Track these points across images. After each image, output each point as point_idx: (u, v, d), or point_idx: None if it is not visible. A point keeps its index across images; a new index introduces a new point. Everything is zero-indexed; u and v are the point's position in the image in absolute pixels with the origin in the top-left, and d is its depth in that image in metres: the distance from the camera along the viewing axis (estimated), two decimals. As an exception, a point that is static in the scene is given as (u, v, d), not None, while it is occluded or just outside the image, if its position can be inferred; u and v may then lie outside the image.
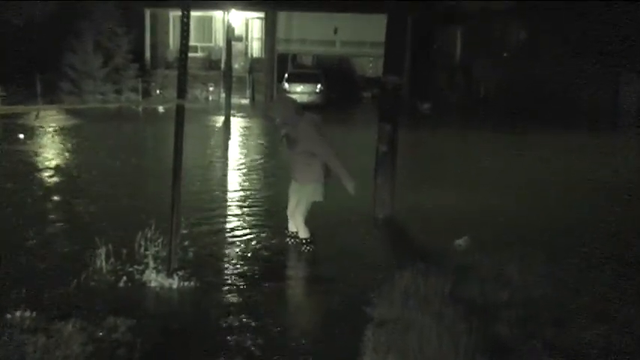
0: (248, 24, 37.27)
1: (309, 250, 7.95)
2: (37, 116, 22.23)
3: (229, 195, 11.62)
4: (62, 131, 19.72)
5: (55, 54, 29.05)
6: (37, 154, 15.12)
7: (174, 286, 6.59)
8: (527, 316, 5.81)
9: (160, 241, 7.09)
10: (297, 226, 8.01)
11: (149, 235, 7.18)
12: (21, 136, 17.94)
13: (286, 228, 8.24)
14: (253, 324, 5.81)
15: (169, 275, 6.69)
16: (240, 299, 6.42)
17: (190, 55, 7.08)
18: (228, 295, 6.52)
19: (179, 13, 8.40)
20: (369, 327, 5.62)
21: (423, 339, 5.15)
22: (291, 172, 7.97)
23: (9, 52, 28.05)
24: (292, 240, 8.15)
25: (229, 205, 10.71)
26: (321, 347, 5.44)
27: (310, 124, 7.75)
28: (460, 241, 8.32)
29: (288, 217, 8.14)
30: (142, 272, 6.78)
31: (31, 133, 18.78)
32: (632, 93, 30.14)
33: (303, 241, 7.97)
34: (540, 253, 7.71)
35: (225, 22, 31.35)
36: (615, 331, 5.55)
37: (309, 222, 7.99)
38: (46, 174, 12.63)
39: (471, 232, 8.55)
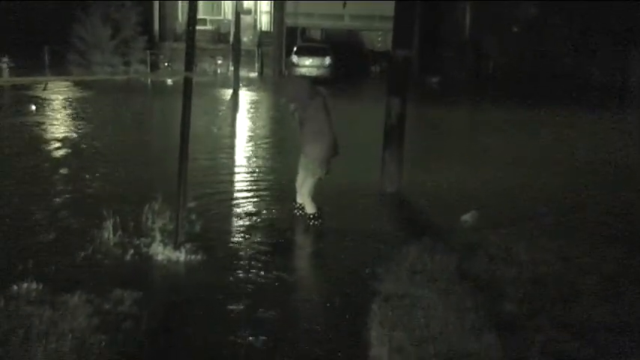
0: (257, -3, 37.10)
1: (315, 224, 7.95)
2: (45, 87, 22.22)
3: (237, 168, 11.60)
4: (70, 103, 19.68)
5: (64, 25, 28.95)
6: (44, 126, 15.10)
7: (181, 259, 6.59)
8: (530, 293, 5.80)
9: (167, 214, 7.08)
10: (303, 200, 8.03)
11: (156, 208, 7.17)
12: (32, 107, 17.92)
13: (294, 200, 8.26)
14: (259, 298, 5.81)
15: (176, 248, 6.69)
16: (246, 273, 6.42)
17: (199, 28, 7.03)
18: (234, 269, 6.52)
19: (187, -15, 8.34)
20: (374, 302, 5.62)
21: (427, 315, 5.16)
22: (301, 147, 7.97)
23: (17, 24, 28.00)
24: (299, 212, 8.18)
25: (237, 179, 10.69)
26: (327, 323, 5.44)
27: (320, 105, 7.81)
28: (466, 217, 8.30)
29: (297, 189, 8.18)
30: (149, 245, 6.78)
31: (39, 104, 18.75)
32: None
33: (310, 215, 7.97)
34: (547, 230, 7.69)
35: (234, -5, 31.21)
36: (623, 309, 5.54)
37: (317, 196, 7.99)
38: (54, 146, 12.62)
39: (477, 207, 8.53)
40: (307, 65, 31.28)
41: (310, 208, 8.00)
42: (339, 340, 5.07)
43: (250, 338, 5.02)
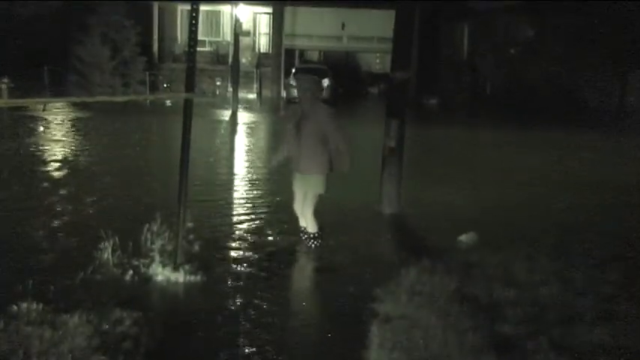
0: (256, 19, 37.26)
1: (315, 245, 7.93)
2: (44, 109, 22.28)
3: (236, 189, 11.63)
4: (70, 124, 19.73)
5: (64, 46, 29.05)
6: (44, 147, 15.13)
7: (180, 280, 6.60)
8: (526, 314, 5.81)
9: (166, 234, 7.08)
10: (306, 220, 7.92)
11: (155, 229, 7.18)
12: (41, 128, 17.99)
13: (300, 225, 8.13)
14: (258, 319, 5.82)
15: (175, 269, 6.70)
16: (245, 295, 6.43)
17: (198, 49, 7.08)
18: (234, 290, 6.53)
19: (187, 6, 8.40)
20: (370, 323, 5.63)
21: (424, 336, 5.17)
22: (294, 164, 7.77)
23: (17, 44, 28.10)
24: (304, 235, 8.05)
25: (236, 200, 10.71)
26: (325, 343, 5.45)
27: (327, 107, 7.77)
28: (463, 237, 8.31)
29: (297, 214, 8.08)
30: (149, 266, 6.79)
31: (38, 125, 18.79)
32: (638, 91, 30.03)
33: (311, 235, 7.93)
34: (545, 251, 7.70)
35: (233, 17, 31.35)
36: (621, 330, 5.54)
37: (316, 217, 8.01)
38: (54, 167, 12.65)
39: (475, 228, 8.54)
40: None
41: (312, 227, 7.91)
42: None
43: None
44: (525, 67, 31.59)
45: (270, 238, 8.36)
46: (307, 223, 7.95)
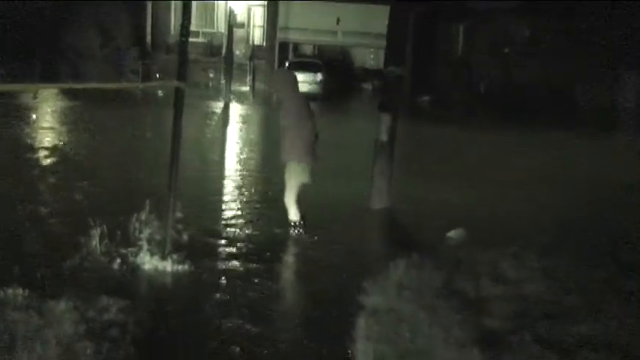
0: (250, 11, 37.21)
1: (298, 232, 7.99)
2: (35, 96, 22.17)
3: (225, 180, 11.62)
4: (60, 112, 19.67)
5: (56, 35, 28.92)
6: (33, 135, 15.09)
7: (168, 269, 6.59)
8: (511, 310, 5.83)
9: (155, 223, 7.07)
10: (287, 206, 8.02)
11: (144, 218, 7.16)
12: (33, 116, 17.93)
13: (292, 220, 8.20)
14: (245, 309, 5.82)
15: (164, 258, 6.69)
16: (233, 284, 6.43)
17: (191, 40, 7.07)
18: (221, 280, 6.53)
19: (182, -3, 8.37)
20: (355, 315, 5.65)
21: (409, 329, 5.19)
22: (282, 152, 8.02)
23: (8, 32, 27.92)
24: (294, 225, 8.13)
25: (225, 190, 10.71)
26: (311, 333, 5.46)
27: (302, 98, 8.10)
28: (452, 234, 8.32)
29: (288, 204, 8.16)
30: (137, 254, 6.78)
31: (28, 112, 18.72)
32: (633, 92, 30.08)
33: (293, 223, 8.00)
34: (534, 248, 7.72)
35: (228, 9, 31.29)
36: (607, 328, 5.57)
37: (304, 209, 8.02)
38: (43, 154, 12.60)
39: (465, 225, 8.55)
40: (299, 81, 31.28)
41: (293, 215, 8.01)
42: (319, 356, 5.08)
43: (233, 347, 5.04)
44: (521, 67, 31.64)
45: (259, 229, 8.36)
46: (288, 209, 8.04)
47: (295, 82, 8.15)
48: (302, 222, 8.03)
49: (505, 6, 32.26)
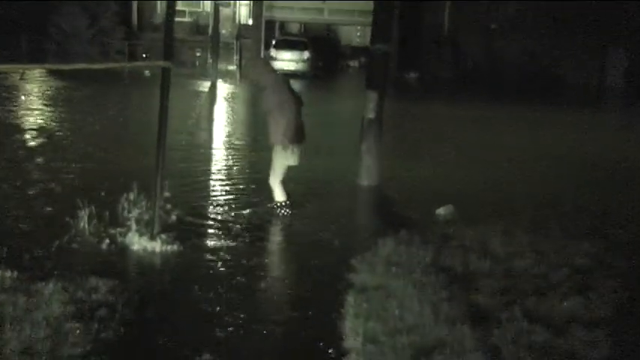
0: (236, -11, 36.96)
1: (284, 214, 8.02)
2: (22, 76, 22.02)
3: (213, 160, 11.60)
4: (47, 92, 19.55)
5: (42, 15, 28.63)
6: (20, 115, 15.00)
7: (157, 249, 6.59)
8: (503, 285, 5.87)
9: (143, 204, 7.05)
10: (272, 187, 8.06)
11: (133, 198, 7.14)
12: (22, 97, 17.81)
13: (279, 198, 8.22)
14: (232, 289, 5.84)
15: (152, 239, 6.68)
16: (221, 264, 6.44)
17: (177, 19, 7.03)
18: (210, 259, 6.54)
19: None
20: (343, 292, 5.69)
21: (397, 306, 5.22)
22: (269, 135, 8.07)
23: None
24: (277, 205, 8.16)
25: (213, 170, 10.70)
26: (300, 311, 5.48)
27: (280, 80, 8.10)
28: (441, 210, 8.35)
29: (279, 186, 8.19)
30: (125, 235, 6.77)
31: (15, 93, 18.60)
32: (619, 68, 30.19)
33: (278, 204, 8.04)
34: (523, 224, 7.76)
35: (213, -13, 31.06)
36: (594, 303, 5.61)
37: (292, 187, 8.03)
38: (30, 135, 12.54)
39: (453, 202, 8.58)
40: (286, 59, 31.18)
41: (279, 196, 8.05)
42: (308, 333, 5.11)
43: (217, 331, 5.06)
44: (507, 44, 31.65)
45: (247, 207, 8.35)
46: (273, 190, 8.09)
47: (273, 68, 8.44)
48: (288, 202, 8.05)
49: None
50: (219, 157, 11.78)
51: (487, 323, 5.08)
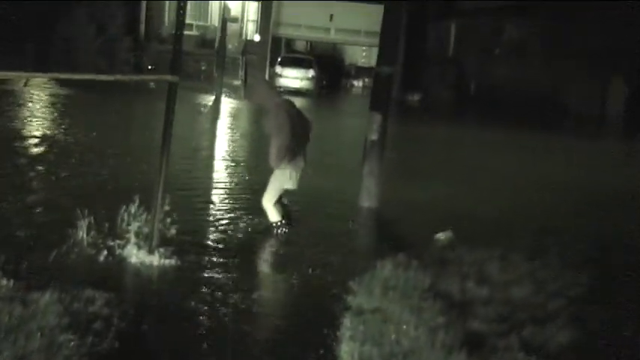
0: (244, 5, 37.10)
1: (281, 233, 8.00)
2: (25, 84, 22.05)
3: (215, 175, 11.61)
4: (51, 101, 19.57)
5: (49, 23, 28.70)
6: (23, 123, 15.01)
7: (155, 263, 6.58)
8: (496, 312, 5.85)
9: (143, 217, 7.04)
10: (265, 208, 8.03)
11: (132, 211, 7.13)
12: (28, 104, 17.84)
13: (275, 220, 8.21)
14: (228, 306, 5.83)
15: (150, 252, 6.67)
16: (217, 280, 6.43)
17: (185, 32, 7.04)
18: (206, 276, 6.52)
19: (176, -11, 8.34)
20: (339, 315, 5.67)
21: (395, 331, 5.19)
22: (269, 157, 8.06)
23: (1, 21, 27.73)
24: (276, 225, 8.13)
25: (214, 186, 10.69)
26: (296, 332, 5.46)
27: (282, 103, 7.99)
28: (440, 235, 8.33)
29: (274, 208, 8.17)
30: (124, 247, 6.76)
31: (18, 100, 18.62)
32: (619, 95, 30.18)
33: (273, 224, 8.02)
34: (521, 251, 7.74)
35: (222, 3, 31.16)
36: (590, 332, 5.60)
37: (292, 207, 8.03)
38: (32, 143, 12.53)
39: (454, 226, 8.56)
40: (291, 77, 31.31)
41: (273, 217, 8.03)
42: (303, 354, 5.09)
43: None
44: (510, 68, 31.71)
45: (247, 226, 8.34)
46: (267, 211, 8.05)
47: (276, 91, 8.33)
48: (283, 221, 8.05)
49: (492, 5, 32.33)
50: (221, 173, 11.79)
51: (483, 351, 5.05)
